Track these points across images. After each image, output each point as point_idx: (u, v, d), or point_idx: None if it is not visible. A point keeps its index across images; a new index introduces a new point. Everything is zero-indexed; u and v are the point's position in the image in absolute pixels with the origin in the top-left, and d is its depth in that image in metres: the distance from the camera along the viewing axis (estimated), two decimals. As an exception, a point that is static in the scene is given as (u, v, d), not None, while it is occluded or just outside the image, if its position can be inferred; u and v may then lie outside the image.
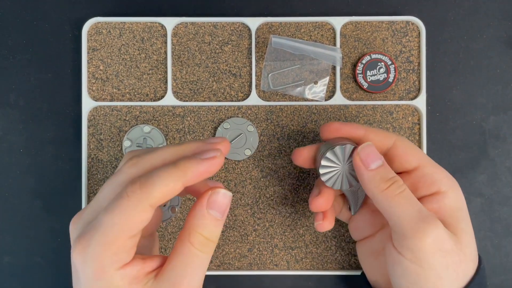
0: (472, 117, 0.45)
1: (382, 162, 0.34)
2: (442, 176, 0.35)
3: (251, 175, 0.44)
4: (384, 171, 0.34)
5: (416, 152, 0.36)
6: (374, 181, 0.33)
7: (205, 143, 0.31)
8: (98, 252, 0.28)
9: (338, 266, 0.44)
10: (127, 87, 0.44)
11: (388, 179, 0.33)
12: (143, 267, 0.30)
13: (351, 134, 0.36)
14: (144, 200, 0.28)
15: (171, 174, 0.29)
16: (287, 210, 0.44)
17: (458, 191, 0.35)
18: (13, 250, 0.44)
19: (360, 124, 0.37)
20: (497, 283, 0.44)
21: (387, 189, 0.33)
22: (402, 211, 0.33)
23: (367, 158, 0.34)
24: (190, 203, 0.44)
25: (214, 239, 0.30)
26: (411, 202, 0.33)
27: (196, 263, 0.30)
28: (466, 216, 0.35)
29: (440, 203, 0.34)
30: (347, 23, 0.44)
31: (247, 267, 0.44)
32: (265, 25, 0.44)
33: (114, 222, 0.28)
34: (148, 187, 0.28)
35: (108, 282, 0.28)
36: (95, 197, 0.31)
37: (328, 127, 0.37)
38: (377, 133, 0.36)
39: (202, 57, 0.44)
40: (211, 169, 0.30)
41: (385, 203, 0.33)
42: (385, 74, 0.43)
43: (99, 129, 0.44)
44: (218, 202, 0.30)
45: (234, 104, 0.44)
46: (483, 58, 0.45)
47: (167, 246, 0.44)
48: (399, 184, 0.33)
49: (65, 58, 0.45)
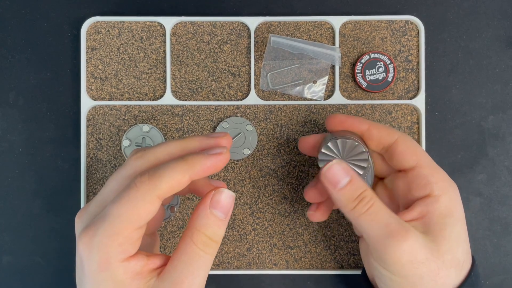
0: (471, 116, 0.45)
1: (348, 179, 0.34)
2: (438, 179, 0.35)
3: (250, 174, 0.44)
4: (351, 189, 0.34)
5: (416, 151, 0.36)
6: (342, 201, 0.34)
7: (208, 137, 0.32)
8: (105, 242, 0.28)
9: (337, 266, 0.44)
10: (126, 86, 0.44)
11: (354, 199, 0.33)
12: (147, 264, 0.30)
13: (355, 128, 0.37)
14: (152, 191, 0.29)
15: (179, 167, 0.29)
16: (286, 210, 0.44)
17: (453, 195, 0.35)
18: (13, 250, 0.44)
19: (364, 119, 0.37)
20: (497, 283, 0.44)
21: (354, 208, 0.33)
22: (369, 229, 0.33)
23: (333, 178, 0.34)
24: (189, 202, 0.44)
25: (217, 240, 0.31)
26: (378, 217, 0.33)
27: (198, 262, 0.30)
28: (455, 222, 0.34)
29: (429, 207, 0.34)
30: (346, 23, 0.44)
31: (246, 267, 0.44)
32: (264, 25, 0.44)
33: (121, 212, 0.28)
34: (156, 178, 0.29)
35: (112, 274, 0.29)
36: (100, 191, 0.31)
37: (333, 119, 0.37)
38: (380, 129, 0.36)
39: (201, 56, 0.44)
40: (217, 165, 0.30)
41: (355, 222, 0.34)
42: (384, 73, 0.43)
43: (98, 129, 0.44)
44: (222, 202, 0.31)
45: (233, 104, 0.44)
46: (482, 57, 0.45)
47: (166, 245, 0.44)
48: (365, 200, 0.33)
49: (64, 57, 0.45)
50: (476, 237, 0.44)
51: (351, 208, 0.33)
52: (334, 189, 0.34)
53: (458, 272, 0.34)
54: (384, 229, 0.32)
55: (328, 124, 0.38)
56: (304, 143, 0.39)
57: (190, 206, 0.44)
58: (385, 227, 0.32)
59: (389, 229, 0.32)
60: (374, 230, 0.33)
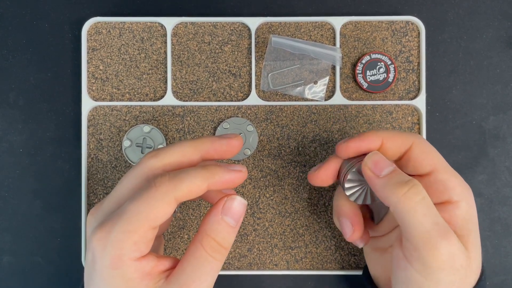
0: (472, 117, 0.45)
1: (393, 167, 0.33)
2: (456, 184, 0.34)
3: (250, 175, 0.44)
4: (399, 175, 0.32)
5: (432, 155, 0.34)
6: (389, 187, 0.32)
7: (220, 138, 0.33)
8: (120, 239, 0.29)
9: (338, 266, 0.44)
10: (127, 87, 0.44)
11: (405, 182, 0.31)
12: (157, 265, 0.30)
13: (370, 149, 0.35)
14: (171, 192, 0.29)
15: (200, 173, 0.30)
16: (286, 210, 0.44)
17: (470, 200, 0.34)
18: (13, 250, 0.44)
19: (375, 132, 0.35)
20: (497, 283, 0.44)
21: (406, 193, 0.31)
22: (419, 222, 0.31)
23: (376, 166, 0.33)
24: (190, 203, 0.44)
25: (227, 246, 0.31)
26: (430, 212, 0.31)
27: (206, 267, 0.30)
28: (476, 228, 0.34)
29: (451, 213, 0.33)
30: (347, 23, 0.44)
31: (246, 267, 0.44)
32: (265, 25, 0.44)
33: (139, 211, 0.29)
34: (177, 181, 0.29)
35: (123, 272, 0.29)
36: (114, 189, 0.32)
37: (346, 148, 0.35)
38: (394, 139, 0.34)
39: (201, 57, 0.44)
40: (235, 181, 0.31)
41: (403, 209, 0.31)
42: (385, 74, 0.43)
43: (98, 129, 0.44)
44: (233, 209, 0.31)
45: (234, 104, 0.44)
46: (482, 58, 0.45)
47: (166, 245, 0.44)
48: (418, 189, 0.31)
49: (65, 58, 0.45)
50: (477, 238, 0.44)
51: (401, 192, 0.31)
52: (377, 177, 0.32)
53: (476, 278, 0.33)
54: (434, 226, 0.31)
55: (341, 152, 0.35)
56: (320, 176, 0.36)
57: (190, 207, 0.44)
58: (435, 224, 0.31)
59: (438, 227, 0.31)
60: (424, 224, 0.31)
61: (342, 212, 0.37)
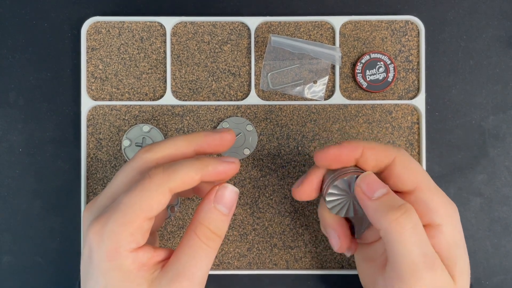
0: (472, 116, 0.45)
1: (386, 190, 0.32)
2: (439, 204, 0.32)
3: (250, 174, 0.44)
4: (391, 199, 0.31)
5: (414, 172, 0.33)
6: (381, 210, 0.31)
7: (213, 132, 0.33)
8: (116, 230, 0.29)
9: (337, 266, 0.44)
10: (126, 86, 0.44)
11: (398, 207, 0.30)
12: (153, 256, 0.30)
13: (350, 158, 0.33)
14: (166, 183, 0.29)
15: (193, 165, 0.30)
16: (286, 210, 0.44)
17: (454, 221, 0.33)
18: (13, 250, 0.44)
19: (356, 142, 0.33)
20: (497, 283, 0.44)
21: (398, 219, 0.30)
22: (408, 252, 0.30)
23: (368, 187, 0.32)
24: (190, 202, 0.44)
25: (220, 234, 0.31)
26: (420, 242, 0.30)
27: (201, 255, 0.30)
28: (463, 252, 0.32)
29: (435, 239, 0.31)
30: (347, 23, 0.44)
31: (246, 267, 0.44)
32: (265, 25, 0.44)
33: (134, 202, 0.29)
34: (171, 172, 0.30)
35: (120, 264, 0.29)
36: (109, 184, 0.32)
37: (326, 155, 0.33)
38: (375, 150, 0.33)
39: (201, 56, 0.44)
40: (228, 172, 0.32)
41: (392, 237, 0.30)
42: (384, 73, 0.43)
43: (98, 129, 0.44)
44: (226, 197, 0.31)
45: (233, 104, 0.44)
46: (482, 57, 0.45)
47: (166, 245, 0.44)
48: (410, 215, 0.30)
49: (64, 57, 0.45)
50: (476, 238, 0.44)
51: (394, 218, 0.30)
52: (369, 199, 0.31)
53: None
54: (422, 257, 0.30)
55: (320, 161, 0.34)
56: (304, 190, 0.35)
57: (190, 206, 0.44)
58: (423, 255, 0.30)
59: (426, 259, 0.30)
60: (413, 254, 0.29)
61: (327, 224, 0.36)
